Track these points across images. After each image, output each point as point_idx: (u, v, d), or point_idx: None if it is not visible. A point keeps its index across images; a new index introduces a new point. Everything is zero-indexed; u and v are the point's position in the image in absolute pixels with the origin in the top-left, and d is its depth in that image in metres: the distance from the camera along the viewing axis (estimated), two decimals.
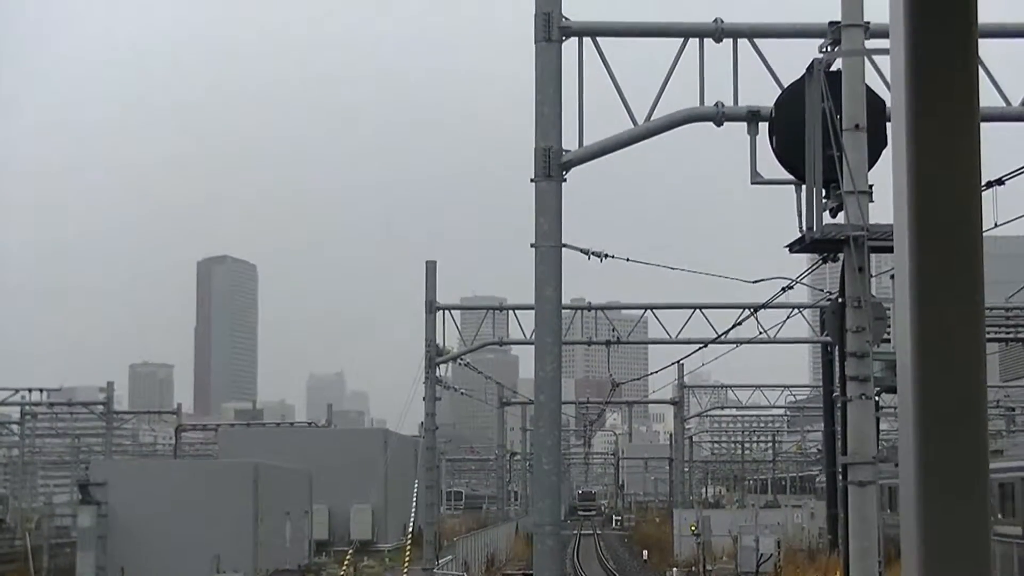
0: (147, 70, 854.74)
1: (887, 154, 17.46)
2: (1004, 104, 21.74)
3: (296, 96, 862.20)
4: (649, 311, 48.89)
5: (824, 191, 19.43)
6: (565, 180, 21.63)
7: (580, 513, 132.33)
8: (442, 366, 47.42)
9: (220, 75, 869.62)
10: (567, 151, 21.51)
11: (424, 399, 46.16)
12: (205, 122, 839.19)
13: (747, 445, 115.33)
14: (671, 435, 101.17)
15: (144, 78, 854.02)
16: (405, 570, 47.85)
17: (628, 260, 32.84)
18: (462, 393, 60.17)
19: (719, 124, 21.73)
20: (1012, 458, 48.02)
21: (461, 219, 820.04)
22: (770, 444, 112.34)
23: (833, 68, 19.39)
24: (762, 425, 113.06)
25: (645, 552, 72.69)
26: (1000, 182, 21.38)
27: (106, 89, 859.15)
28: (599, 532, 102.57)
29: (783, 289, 33.21)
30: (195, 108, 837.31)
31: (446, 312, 46.26)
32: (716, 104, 21.57)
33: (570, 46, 21.71)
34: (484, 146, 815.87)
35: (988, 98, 21.03)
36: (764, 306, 40.61)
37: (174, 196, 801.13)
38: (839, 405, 21.64)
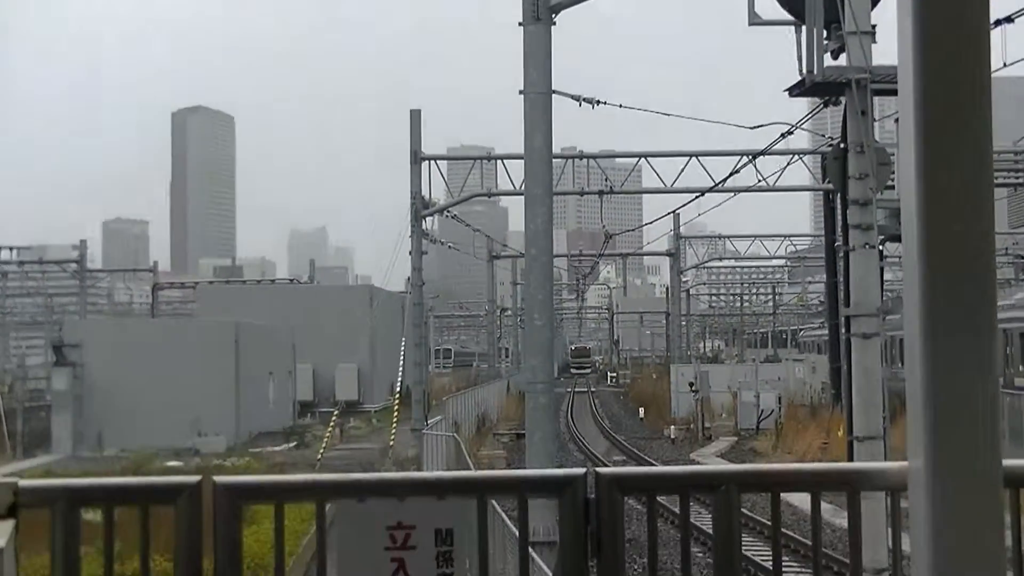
0: None
1: None
2: None
3: None
4: (644, 159, 47.93)
5: (825, 32, 19.43)
6: (555, 23, 21.06)
7: (573, 370, 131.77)
8: (428, 219, 47.03)
9: None
10: None
11: (410, 254, 45.72)
12: None
13: (746, 297, 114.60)
14: (667, 288, 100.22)
15: None
16: (393, 431, 47.12)
17: (621, 107, 31.84)
18: (449, 247, 59.72)
19: None
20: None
21: (450, 67, 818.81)
22: (770, 296, 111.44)
23: None
24: (762, 277, 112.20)
25: (642, 410, 72.75)
26: (1010, 20, 22.02)
27: None
28: (593, 389, 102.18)
29: (782, 135, 32.84)
30: None
31: (432, 163, 45.67)
32: None
33: None
34: None
35: None
36: (763, 152, 40.41)
37: (148, 44, 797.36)
38: (841, 255, 21.86)
